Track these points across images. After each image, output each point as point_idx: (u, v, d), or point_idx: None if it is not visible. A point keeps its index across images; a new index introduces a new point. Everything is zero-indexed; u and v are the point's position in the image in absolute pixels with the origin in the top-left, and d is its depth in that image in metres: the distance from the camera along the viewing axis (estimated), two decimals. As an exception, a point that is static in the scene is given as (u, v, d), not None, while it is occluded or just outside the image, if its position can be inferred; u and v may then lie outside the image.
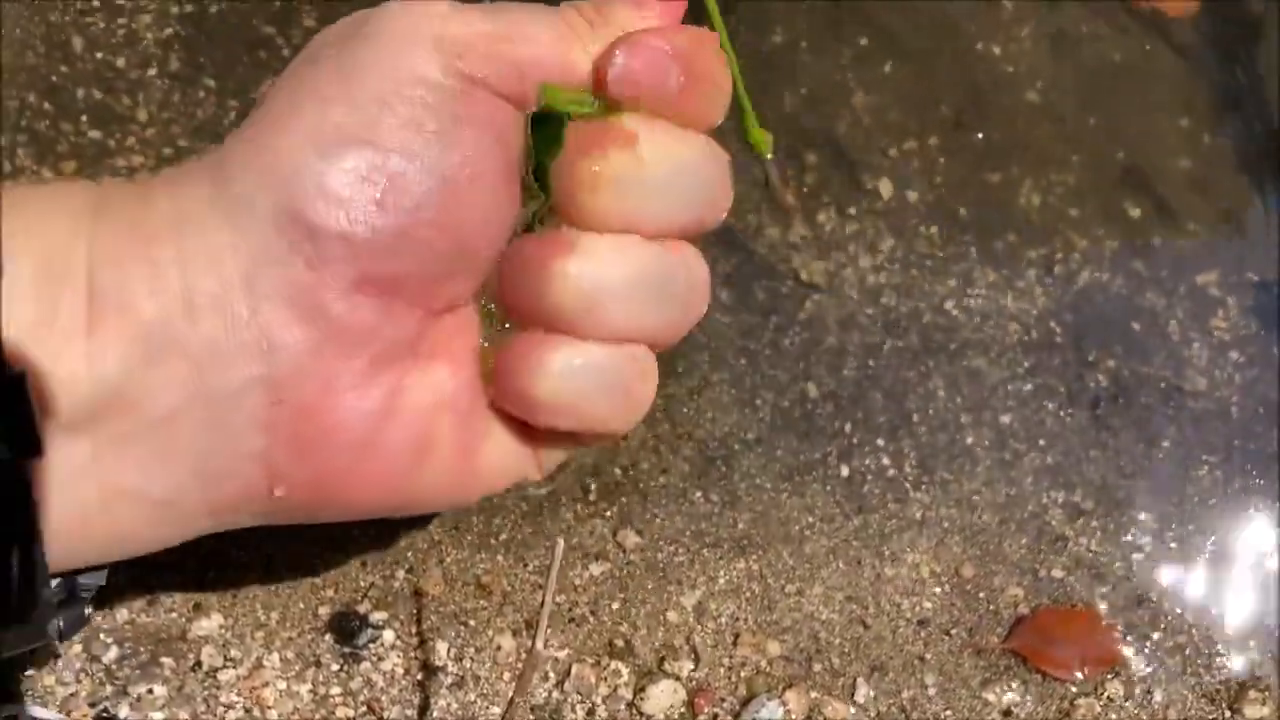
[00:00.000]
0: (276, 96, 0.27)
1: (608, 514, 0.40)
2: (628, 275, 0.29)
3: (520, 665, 0.37)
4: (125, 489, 0.27)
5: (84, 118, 0.44)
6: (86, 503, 0.26)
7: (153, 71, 0.46)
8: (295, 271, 0.26)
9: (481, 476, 0.31)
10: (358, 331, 0.27)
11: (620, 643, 0.38)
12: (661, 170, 0.28)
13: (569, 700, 0.37)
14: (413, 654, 0.37)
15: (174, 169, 0.28)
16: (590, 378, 0.29)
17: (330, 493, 0.29)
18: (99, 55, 0.46)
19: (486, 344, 0.30)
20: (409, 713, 0.36)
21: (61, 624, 0.29)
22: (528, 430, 0.31)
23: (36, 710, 0.34)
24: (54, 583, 0.28)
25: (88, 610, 0.30)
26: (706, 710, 0.37)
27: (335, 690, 0.36)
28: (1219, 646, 0.39)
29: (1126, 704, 0.38)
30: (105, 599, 0.36)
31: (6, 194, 0.26)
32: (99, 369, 0.25)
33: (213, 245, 0.26)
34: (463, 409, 0.30)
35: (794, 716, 0.37)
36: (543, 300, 0.29)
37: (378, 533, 0.39)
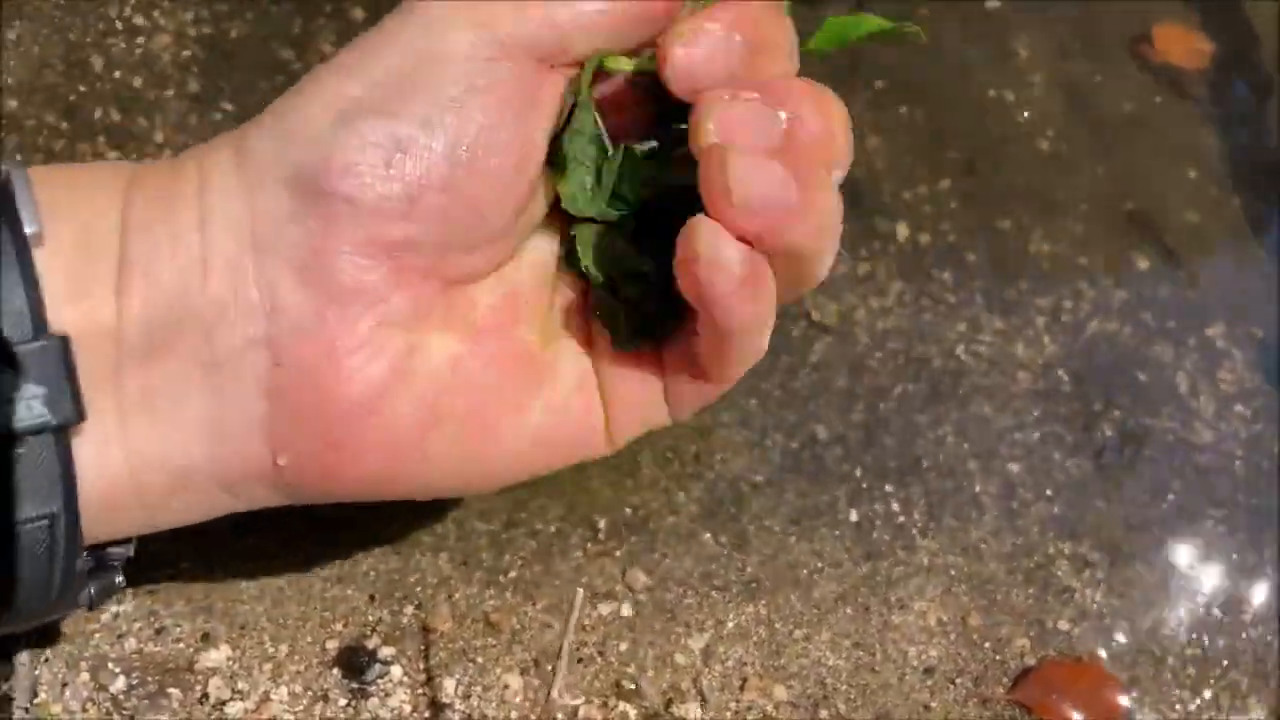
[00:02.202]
0: (307, 75, 0.28)
1: (617, 553, 0.40)
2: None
3: (525, 704, 0.37)
4: (148, 456, 0.27)
5: (101, 137, 0.44)
6: (116, 472, 0.27)
7: (170, 93, 0.46)
8: (303, 233, 0.26)
9: (513, 456, 0.30)
10: (364, 295, 0.27)
11: (628, 684, 0.38)
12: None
13: (576, 741, 0.37)
14: (420, 691, 0.37)
15: (205, 143, 0.29)
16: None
17: (334, 462, 0.28)
18: (117, 75, 0.46)
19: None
20: (416, 750, 0.36)
21: (93, 592, 0.29)
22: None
23: None
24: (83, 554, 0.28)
25: (119, 579, 0.29)
26: (712, 754, 0.37)
27: (342, 726, 0.36)
28: (1222, 701, 0.39)
29: (1129, 758, 0.38)
30: (113, 627, 0.36)
31: (46, 171, 0.27)
32: (125, 334, 0.26)
33: (230, 209, 0.27)
34: (484, 384, 0.29)
35: (799, 762, 0.37)
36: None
37: (387, 567, 0.39)
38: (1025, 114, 0.50)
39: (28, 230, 0.25)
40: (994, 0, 0.53)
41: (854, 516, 0.42)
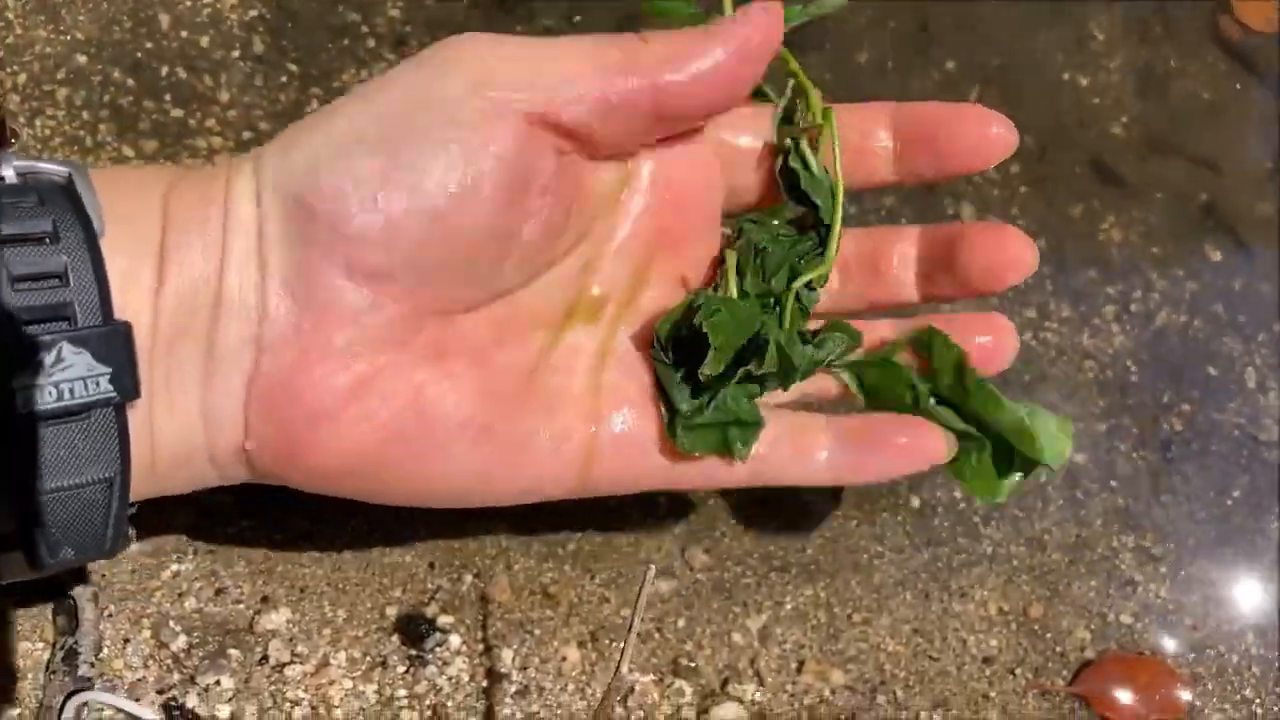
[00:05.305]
0: (331, 103, 0.30)
1: (675, 530, 0.40)
2: None
3: (583, 677, 0.37)
4: (165, 434, 0.29)
5: (167, 96, 0.44)
6: (142, 446, 0.29)
7: (236, 53, 0.45)
8: (295, 251, 0.29)
9: (465, 480, 0.32)
10: (340, 314, 0.29)
11: (685, 661, 0.37)
12: None
13: (631, 718, 0.36)
14: (478, 660, 0.37)
15: (240, 154, 0.32)
16: None
17: (290, 454, 0.30)
18: (184, 34, 0.45)
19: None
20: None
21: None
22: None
23: (105, 696, 0.34)
24: None
25: (132, 532, 0.31)
26: (767, 735, 0.37)
27: (401, 693, 0.36)
28: (1284, 702, 0.39)
29: (1189, 755, 0.38)
30: (173, 585, 0.36)
31: (101, 174, 0.29)
32: (159, 323, 0.29)
33: (244, 215, 0.29)
34: (443, 413, 0.31)
35: (854, 746, 0.37)
36: None
37: (446, 535, 0.39)
38: (1099, 99, 0.49)
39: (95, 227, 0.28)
40: (1069, -19, 0.52)
41: (916, 503, 0.41)
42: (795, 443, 0.34)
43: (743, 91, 0.31)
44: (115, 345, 0.27)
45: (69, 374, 0.26)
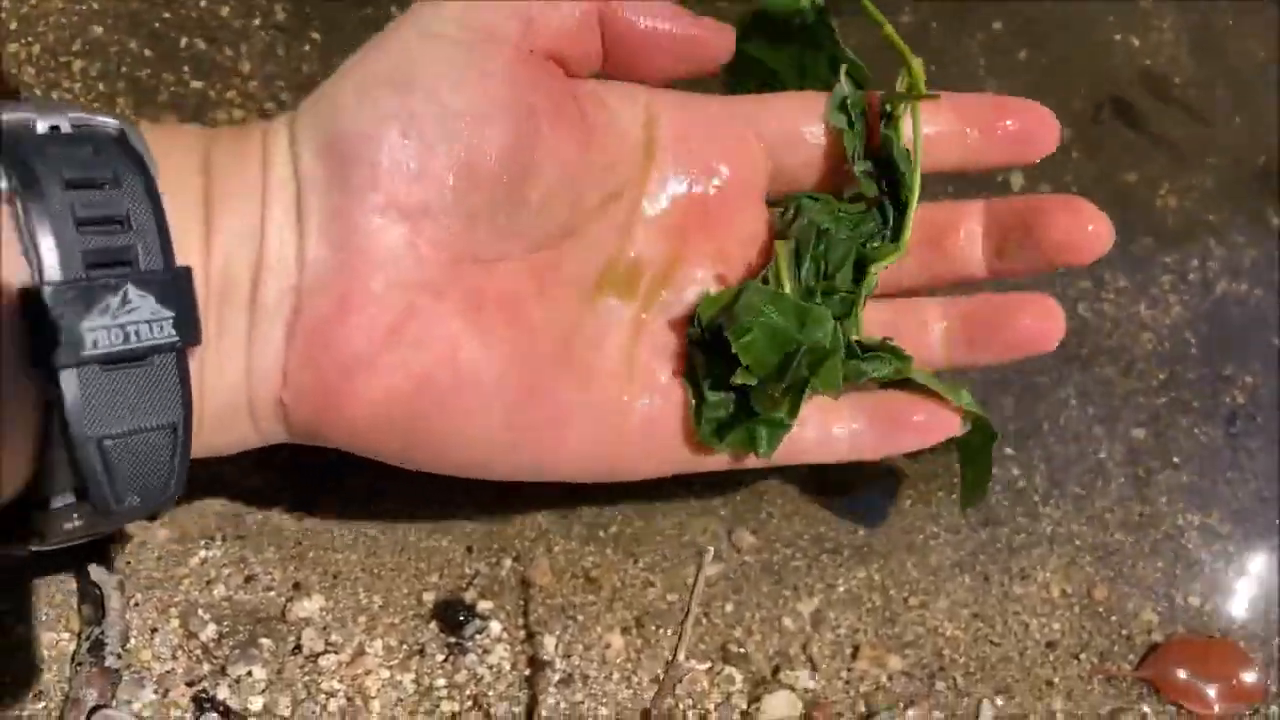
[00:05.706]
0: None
1: (722, 512, 0.38)
2: None
3: (628, 665, 0.35)
4: (212, 384, 0.29)
5: (186, 67, 0.42)
6: (193, 399, 0.28)
7: (257, 22, 0.44)
8: (332, 197, 0.29)
9: (488, 448, 0.32)
10: (378, 257, 0.29)
11: (734, 648, 0.36)
12: None
13: (680, 706, 0.35)
14: (519, 647, 0.35)
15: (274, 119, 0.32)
16: None
17: (325, 406, 0.30)
18: (203, 3, 0.44)
19: None
20: (516, 710, 0.34)
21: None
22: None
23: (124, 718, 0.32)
24: None
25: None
26: (821, 723, 0.35)
27: (440, 682, 0.34)
28: (1361, 686, 0.37)
29: (1264, 742, 0.36)
30: (201, 573, 0.35)
31: (148, 130, 0.29)
32: (213, 275, 0.29)
33: (282, 174, 0.30)
34: (475, 369, 0.30)
35: (912, 735, 0.35)
36: None
37: (484, 518, 0.37)
38: (1151, 60, 0.47)
39: None
40: (1118, -61, 0.50)
41: (971, 480, 0.39)
42: (819, 421, 0.34)
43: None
44: (179, 289, 0.27)
45: (134, 316, 0.26)
